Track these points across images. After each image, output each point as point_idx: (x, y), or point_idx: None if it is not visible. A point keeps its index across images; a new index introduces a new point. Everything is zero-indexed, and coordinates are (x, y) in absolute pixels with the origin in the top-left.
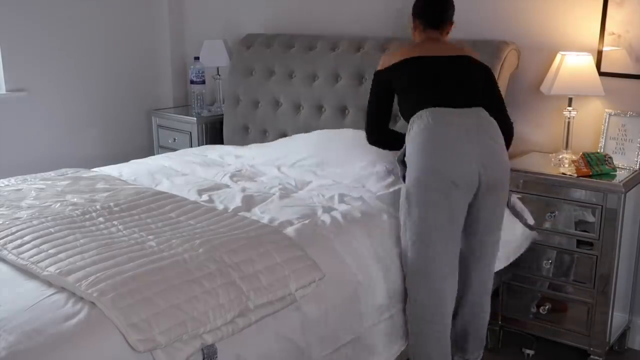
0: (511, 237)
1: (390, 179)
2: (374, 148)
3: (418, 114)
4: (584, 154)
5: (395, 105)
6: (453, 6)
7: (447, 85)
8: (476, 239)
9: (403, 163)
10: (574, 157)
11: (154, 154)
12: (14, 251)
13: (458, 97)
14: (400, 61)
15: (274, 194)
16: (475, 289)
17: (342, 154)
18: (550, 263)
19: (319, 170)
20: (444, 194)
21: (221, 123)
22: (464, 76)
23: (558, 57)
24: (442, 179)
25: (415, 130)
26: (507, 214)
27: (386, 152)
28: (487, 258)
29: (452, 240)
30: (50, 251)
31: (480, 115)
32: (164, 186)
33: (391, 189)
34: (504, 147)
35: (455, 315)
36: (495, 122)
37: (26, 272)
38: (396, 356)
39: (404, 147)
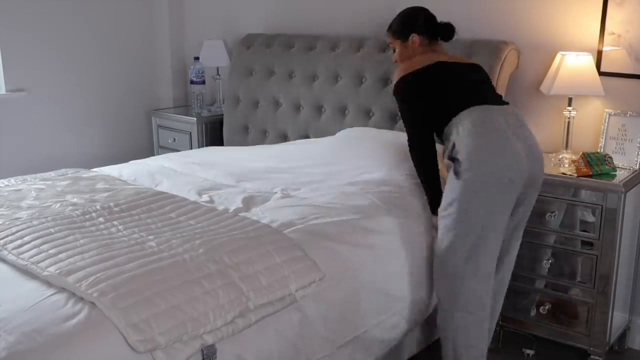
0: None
1: (393, 187)
2: (387, 158)
3: (462, 114)
4: (584, 153)
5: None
6: None
7: (478, 86)
8: (510, 235)
9: (453, 159)
10: (574, 157)
11: (154, 154)
12: (14, 251)
13: (490, 97)
14: (425, 67)
15: (275, 194)
16: (497, 283)
17: (352, 167)
18: (550, 263)
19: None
20: (503, 192)
21: (221, 123)
22: (486, 79)
23: (558, 57)
24: (502, 177)
25: (464, 131)
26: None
27: (398, 163)
28: (511, 255)
29: (500, 238)
30: (50, 251)
31: (515, 112)
32: (164, 186)
33: (395, 195)
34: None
35: None
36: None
37: (26, 272)
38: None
39: (451, 144)
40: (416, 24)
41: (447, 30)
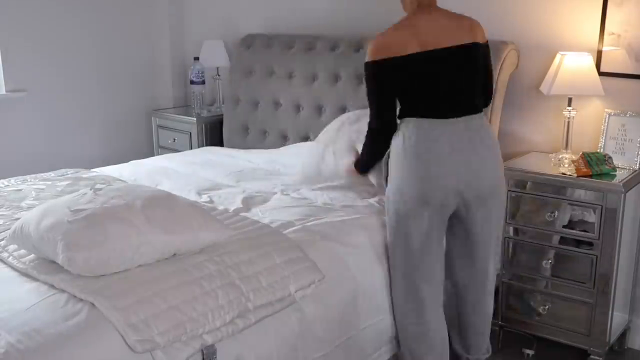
0: None
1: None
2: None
3: (405, 121)
4: (583, 154)
5: None
6: None
7: (442, 91)
8: (469, 250)
9: (387, 165)
10: (574, 157)
11: (154, 154)
12: (15, 253)
13: (451, 106)
14: (403, 56)
15: (274, 194)
16: (472, 291)
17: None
18: (550, 263)
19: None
20: (416, 210)
21: (221, 123)
22: (466, 77)
23: (558, 57)
24: (415, 197)
25: (398, 141)
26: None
27: None
28: (482, 263)
29: (428, 252)
30: None
31: (469, 126)
32: (164, 186)
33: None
34: (497, 156)
35: (458, 315)
36: (488, 128)
37: (26, 273)
38: (386, 359)
39: (389, 150)
40: None
41: None
